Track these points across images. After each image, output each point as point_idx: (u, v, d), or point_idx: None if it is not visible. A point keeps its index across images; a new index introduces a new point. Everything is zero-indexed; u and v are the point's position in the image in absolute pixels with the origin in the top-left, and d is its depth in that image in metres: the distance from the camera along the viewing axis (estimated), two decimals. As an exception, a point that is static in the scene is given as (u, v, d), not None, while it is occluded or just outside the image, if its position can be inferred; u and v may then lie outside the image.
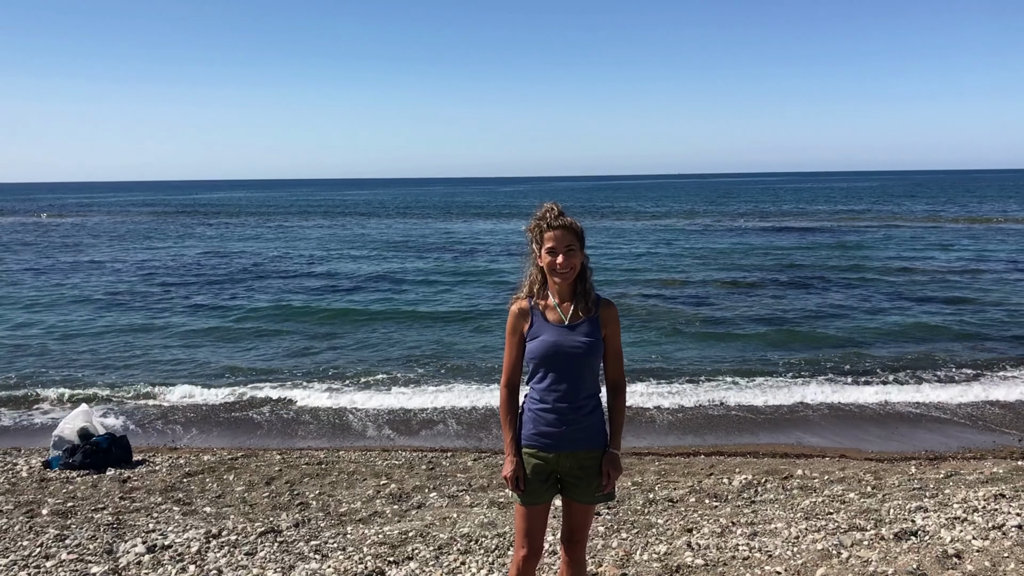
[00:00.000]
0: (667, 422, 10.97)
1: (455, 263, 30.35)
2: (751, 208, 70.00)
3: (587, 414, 3.58)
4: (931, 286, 22.57)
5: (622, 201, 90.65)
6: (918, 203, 72.93)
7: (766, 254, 31.43)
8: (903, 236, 38.76)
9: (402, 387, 12.57)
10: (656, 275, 26.00)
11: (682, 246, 35.73)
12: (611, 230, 46.40)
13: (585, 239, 3.60)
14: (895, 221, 50.82)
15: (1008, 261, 27.96)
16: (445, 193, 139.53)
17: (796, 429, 10.66)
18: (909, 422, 10.80)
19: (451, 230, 48.96)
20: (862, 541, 5.63)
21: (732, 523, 6.21)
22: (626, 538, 5.92)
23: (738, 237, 40.02)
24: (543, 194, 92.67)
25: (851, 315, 18.31)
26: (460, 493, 7.48)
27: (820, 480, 7.72)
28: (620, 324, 3.71)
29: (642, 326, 17.36)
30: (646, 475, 8.06)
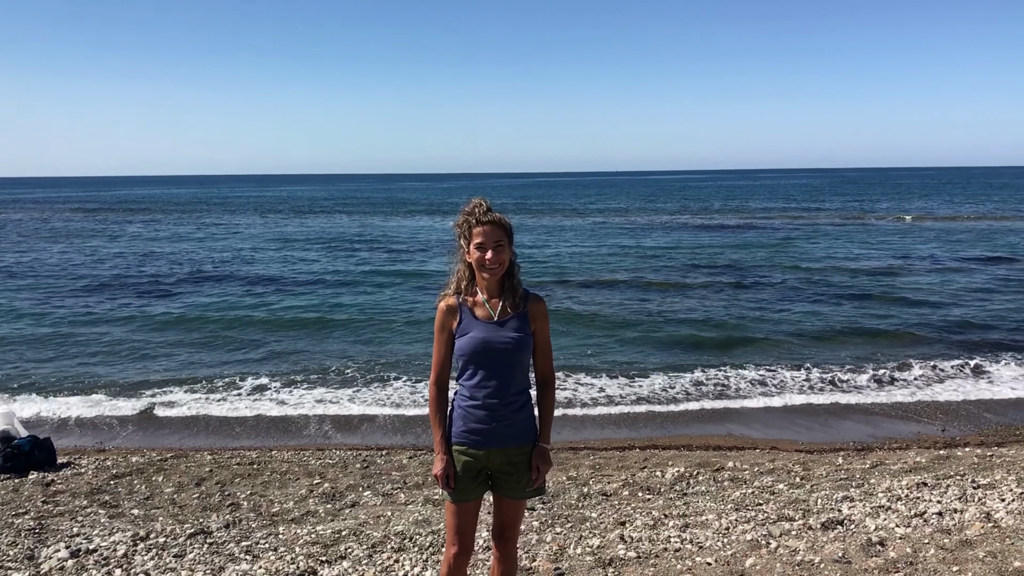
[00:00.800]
0: (602, 416, 11.05)
1: (384, 260, 30.08)
2: (684, 206, 70.86)
3: (517, 410, 3.58)
4: (857, 283, 23.12)
5: (559, 198, 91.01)
6: (849, 200, 74.72)
7: (698, 252, 31.83)
8: (831, 233, 39.67)
9: (336, 386, 12.43)
10: (589, 272, 26.18)
11: (616, 243, 36.00)
12: (546, 227, 46.57)
13: (513, 235, 3.59)
14: (824, 219, 51.97)
15: (929, 258, 28.79)
16: (378, 189, 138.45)
17: (728, 422, 10.82)
18: (837, 415, 11.05)
19: (381, 227, 48.47)
20: (790, 531, 5.74)
21: (664, 515, 6.28)
22: (560, 532, 5.95)
23: (672, 234, 40.49)
24: (477, 191, 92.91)
25: (780, 311, 18.63)
26: (395, 491, 7.45)
27: (750, 472, 7.85)
28: (549, 319, 3.72)
29: (576, 321, 17.46)
30: (581, 469, 8.11)
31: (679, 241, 36.62)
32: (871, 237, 37.31)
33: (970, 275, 24.23)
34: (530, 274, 25.42)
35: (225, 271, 26.94)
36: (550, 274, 25.60)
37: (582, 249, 33.71)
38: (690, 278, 24.28)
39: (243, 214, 63.60)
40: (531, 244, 35.54)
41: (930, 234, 38.43)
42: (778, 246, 33.46)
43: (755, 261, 28.26)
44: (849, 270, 25.54)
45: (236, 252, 33.22)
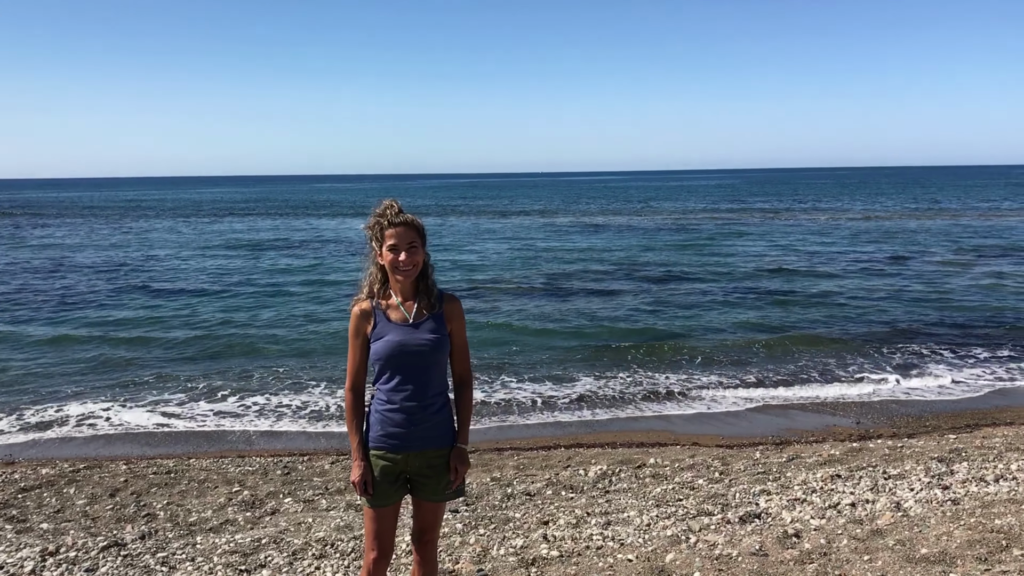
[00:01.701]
0: (528, 416, 11.07)
1: (299, 264, 29.50)
2: (606, 206, 71.56)
3: (435, 412, 3.56)
4: (778, 282, 23.66)
5: (480, 200, 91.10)
6: (770, 200, 76.52)
7: (621, 252, 32.12)
8: (752, 233, 40.56)
9: (255, 393, 12.18)
10: (512, 273, 26.22)
11: (538, 244, 36.11)
12: (469, 228, 46.55)
13: (426, 236, 3.57)
14: (747, 217, 53.12)
15: (848, 256, 29.66)
16: (298, 191, 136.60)
17: (652, 418, 10.96)
18: (758, 410, 11.27)
19: (295, 229, 47.71)
20: (709, 525, 5.83)
21: (587, 513, 6.32)
22: (484, 534, 5.94)
23: (594, 235, 40.83)
24: (395, 192, 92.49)
25: (702, 311, 18.91)
26: (316, 497, 7.35)
27: (671, 468, 7.96)
28: (466, 318, 3.72)
29: (501, 322, 17.47)
30: (505, 470, 8.12)
31: (602, 242, 36.95)
32: (791, 236, 38.20)
33: (883, 274, 25.01)
34: (452, 276, 25.39)
35: (130, 278, 26.20)
36: (474, 275, 25.58)
37: (505, 250, 33.75)
38: (613, 278, 24.50)
39: (148, 219, 61.55)
40: (453, 246, 35.50)
41: (845, 232, 39.55)
42: (700, 246, 33.98)
43: (678, 261, 28.63)
44: (770, 269, 26.03)
45: (142, 257, 32.31)
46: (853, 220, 48.58)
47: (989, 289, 21.33)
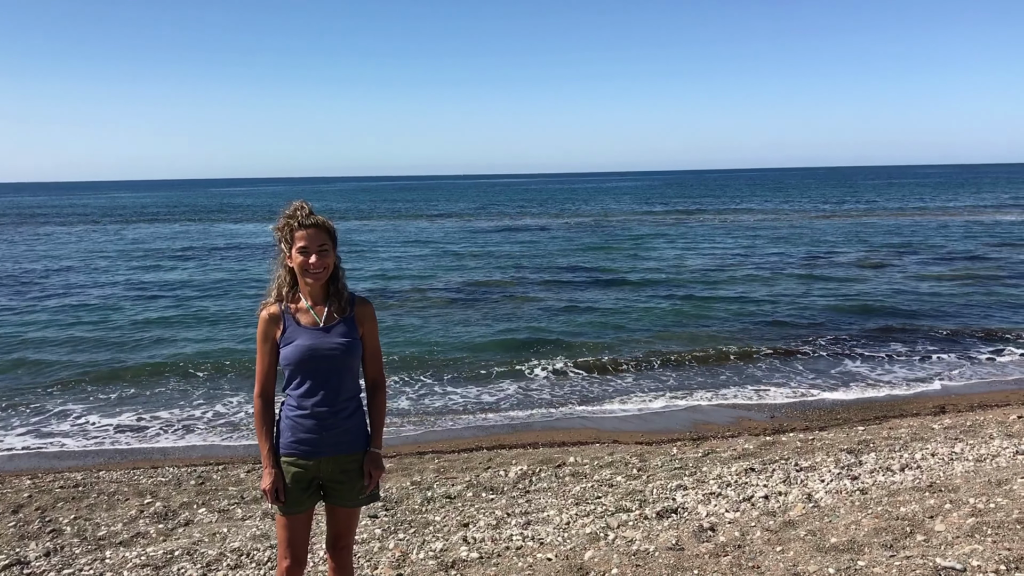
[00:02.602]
0: (448, 419, 11.04)
1: (207, 269, 28.81)
2: (524, 208, 71.86)
3: (348, 417, 3.51)
4: (694, 281, 24.18)
5: (395, 203, 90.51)
6: (689, 202, 77.94)
7: (541, 253, 32.38)
8: (668, 234, 41.24)
9: (166, 402, 11.88)
10: (431, 275, 26.17)
11: (457, 246, 36.13)
12: (387, 231, 46.25)
13: (337, 238, 3.52)
14: (666, 219, 54.00)
15: (763, 256, 30.37)
16: (211, 195, 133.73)
17: (573, 417, 11.04)
18: (676, 406, 11.44)
19: (206, 233, 46.77)
20: (627, 522, 5.90)
21: (507, 514, 6.33)
22: (403, 538, 5.90)
23: (514, 236, 41.02)
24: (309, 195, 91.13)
25: (621, 311, 19.17)
26: (232, 507, 7.19)
27: (591, 466, 8.02)
28: (386, 322, 3.68)
29: (415, 324, 17.38)
30: (425, 473, 8.08)
31: (521, 244, 37.07)
32: (708, 238, 38.94)
33: (797, 274, 25.69)
34: (368, 280, 25.18)
35: (28, 289, 25.31)
36: (391, 279, 25.36)
37: (422, 253, 33.57)
38: (533, 281, 24.55)
39: (51, 225, 59.43)
40: (368, 249, 35.22)
41: (761, 233, 40.51)
42: (618, 248, 34.32)
43: (597, 264, 28.85)
44: (688, 271, 26.43)
45: (42, 269, 31.16)
46: (771, 220, 49.81)
47: (898, 288, 22.06)
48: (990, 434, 8.52)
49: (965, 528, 5.02)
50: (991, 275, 23.65)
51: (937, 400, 11.38)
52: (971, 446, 7.89)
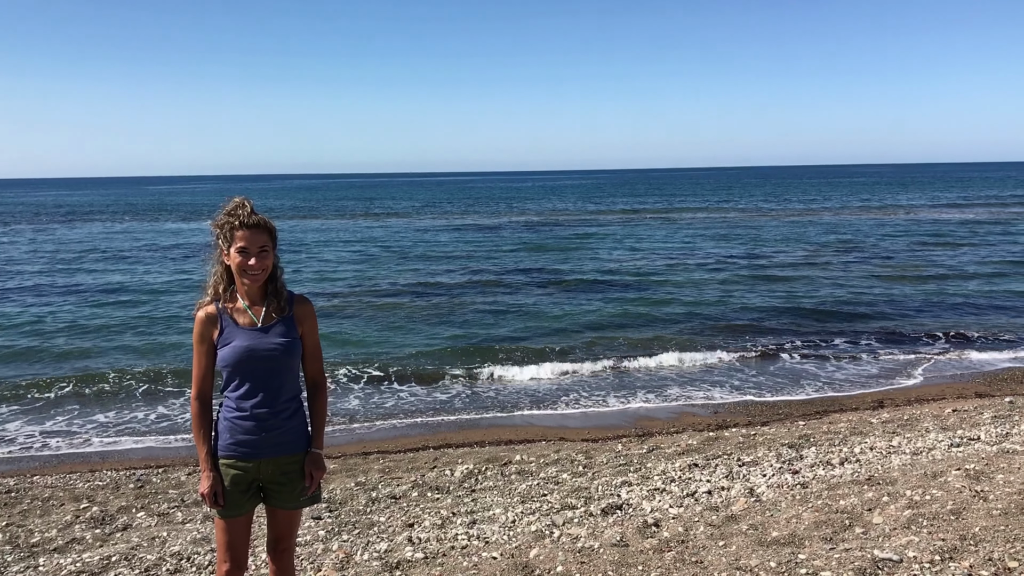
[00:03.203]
0: (394, 418, 10.98)
1: (140, 268, 28.29)
2: (470, 207, 71.76)
3: (288, 418, 3.46)
4: (638, 280, 24.35)
5: (339, 201, 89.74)
6: (633, 201, 78.61)
7: (486, 252, 32.35)
8: (614, 233, 41.51)
9: (104, 404, 11.63)
10: (375, 273, 26.02)
11: (398, 246, 35.93)
12: (332, 229, 45.87)
13: (277, 237, 3.46)
14: (597, 216, 54.37)
15: (698, 253, 30.72)
16: (147, 192, 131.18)
17: (519, 415, 11.06)
18: (621, 403, 11.52)
19: (141, 232, 45.85)
20: (573, 519, 5.91)
21: (453, 514, 6.31)
22: (347, 540, 5.84)
23: (458, 234, 40.94)
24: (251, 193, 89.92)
25: (564, 308, 19.23)
26: (172, 510, 7.05)
27: (537, 464, 8.04)
28: (331, 321, 3.63)
29: (359, 323, 17.28)
30: (370, 474, 8.01)
31: (466, 242, 37.03)
32: (650, 236, 39.29)
33: (736, 270, 26.06)
34: (307, 277, 24.95)
35: None
36: (334, 278, 25.14)
37: (366, 252, 33.29)
38: (477, 279, 24.50)
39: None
40: (309, 247, 34.91)
41: (699, 231, 41.00)
42: (561, 246, 34.38)
43: (541, 262, 28.91)
44: (630, 268, 26.67)
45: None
46: (716, 218, 50.45)
47: (839, 285, 22.47)
48: (926, 428, 8.72)
49: (902, 520, 5.13)
50: (928, 273, 24.23)
51: (876, 395, 11.61)
52: (908, 439, 8.06)
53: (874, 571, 4.28)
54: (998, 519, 4.98)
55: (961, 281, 22.54)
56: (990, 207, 57.10)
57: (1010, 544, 4.51)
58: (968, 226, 40.57)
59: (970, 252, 29.39)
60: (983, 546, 4.53)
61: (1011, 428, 8.23)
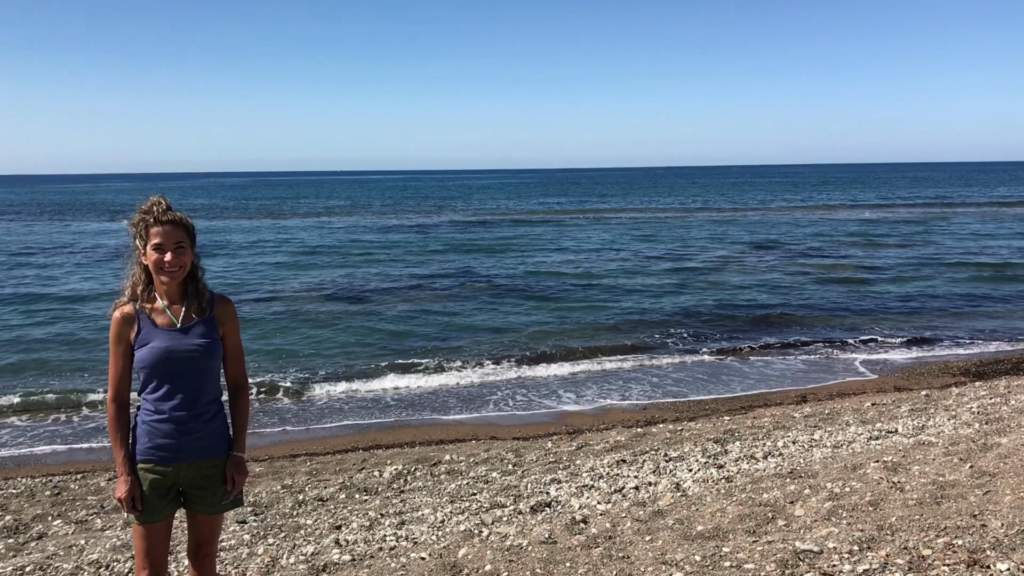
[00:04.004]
0: (322, 420, 10.86)
1: (57, 268, 27.57)
2: (395, 206, 71.35)
3: (208, 420, 3.40)
4: (562, 280, 24.49)
5: (262, 199, 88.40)
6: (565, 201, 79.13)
7: (410, 252, 32.19)
8: (544, 234, 41.73)
9: (18, 409, 11.24)
10: (298, 272, 25.76)
11: (323, 244, 35.62)
12: (247, 229, 45.24)
13: (196, 235, 3.39)
14: (545, 216, 54.66)
15: (621, 252, 31.09)
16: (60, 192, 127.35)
17: (448, 414, 11.04)
18: (552, 401, 11.57)
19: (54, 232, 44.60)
20: (502, 517, 5.91)
21: (381, 515, 6.26)
22: (273, 543, 5.75)
23: (381, 235, 40.68)
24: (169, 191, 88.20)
25: (491, 308, 19.26)
26: (91, 517, 6.85)
27: (467, 463, 8.02)
28: (240, 321, 3.57)
29: (286, 323, 17.07)
30: (297, 476, 7.90)
31: (395, 241, 36.82)
32: (577, 235, 39.60)
33: (655, 269, 26.44)
34: (230, 277, 24.56)
35: None
36: (259, 277, 24.77)
37: (291, 250, 32.87)
38: (406, 279, 24.35)
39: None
40: (232, 246, 34.33)
41: (626, 230, 41.47)
42: (489, 247, 34.40)
43: (469, 262, 28.85)
44: (559, 268, 26.70)
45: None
46: (645, 218, 51.05)
47: (763, 283, 22.94)
48: (847, 421, 8.95)
49: (822, 512, 5.25)
50: (850, 272, 24.90)
51: (799, 390, 11.86)
52: (829, 433, 8.26)
53: (795, 563, 4.37)
54: (913, 509, 5.13)
55: (882, 280, 23.21)
56: (913, 207, 58.93)
57: (924, 533, 4.65)
58: (890, 225, 41.82)
59: (892, 251, 30.27)
60: (899, 535, 4.66)
61: (927, 421, 8.49)
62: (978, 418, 8.33)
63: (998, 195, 72.98)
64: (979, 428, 7.76)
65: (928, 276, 23.80)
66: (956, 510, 5.03)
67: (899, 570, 4.16)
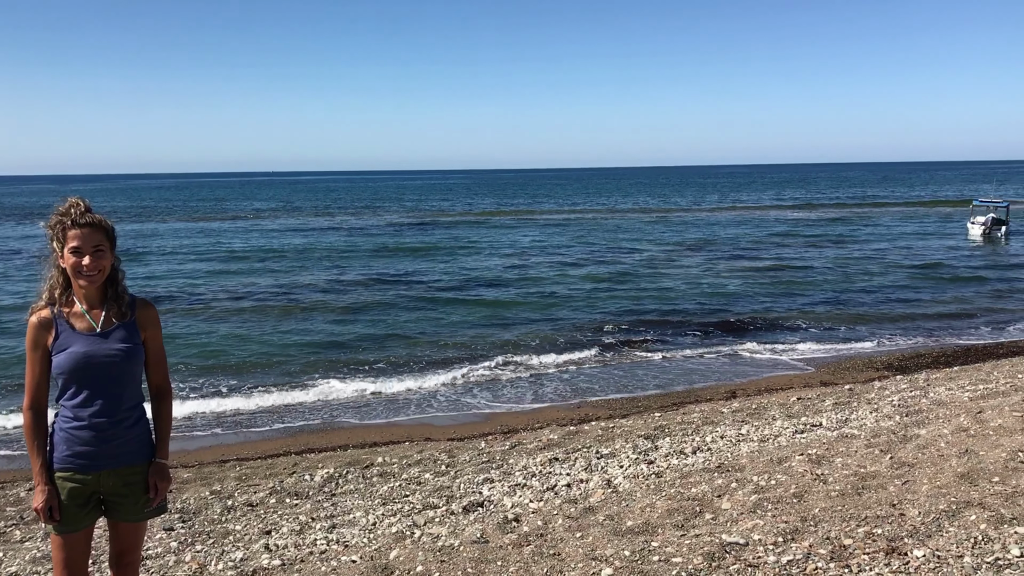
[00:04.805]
0: (252, 425, 10.73)
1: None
2: (318, 208, 70.64)
3: (130, 427, 3.32)
4: (503, 279, 24.65)
5: (190, 201, 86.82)
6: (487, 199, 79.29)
7: (337, 254, 32.05)
8: (463, 234, 41.86)
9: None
10: (223, 276, 25.46)
11: (246, 247, 35.20)
12: (171, 231, 44.41)
13: (116, 238, 3.32)
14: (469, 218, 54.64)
15: (561, 252, 31.27)
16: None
17: (381, 416, 10.99)
18: (489, 399, 11.61)
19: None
20: (434, 518, 5.91)
21: (312, 519, 6.20)
22: (201, 550, 5.66)
23: (309, 236, 40.35)
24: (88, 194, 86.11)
25: (424, 310, 19.28)
26: (9, 529, 6.65)
27: (399, 464, 7.99)
28: (166, 326, 3.50)
29: (213, 328, 16.80)
30: (226, 482, 7.78)
31: (323, 243, 36.50)
32: (506, 236, 39.72)
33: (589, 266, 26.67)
34: (154, 281, 24.08)
35: None
36: (182, 281, 24.31)
37: (217, 254, 32.36)
38: (333, 282, 24.20)
39: None
40: (157, 249, 33.67)
41: (555, 230, 41.75)
42: (419, 247, 34.30)
43: (396, 264, 28.72)
44: (488, 270, 26.73)
45: None
46: (575, 218, 51.37)
47: (692, 280, 23.31)
48: (773, 416, 9.14)
49: (748, 505, 5.36)
50: (778, 270, 25.45)
51: (729, 386, 12.09)
52: (756, 428, 8.43)
53: (722, 555, 4.45)
54: (836, 500, 5.27)
55: (810, 278, 23.78)
56: (843, 207, 60.41)
57: (846, 523, 4.78)
58: (819, 225, 42.84)
59: (820, 250, 31.03)
60: (822, 526, 4.78)
61: (850, 414, 8.71)
62: (899, 411, 8.57)
63: (915, 195, 75.38)
64: (899, 420, 7.99)
65: (856, 274, 24.44)
66: (876, 500, 5.18)
67: (821, 560, 4.27)
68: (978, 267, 26.05)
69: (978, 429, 6.86)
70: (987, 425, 6.97)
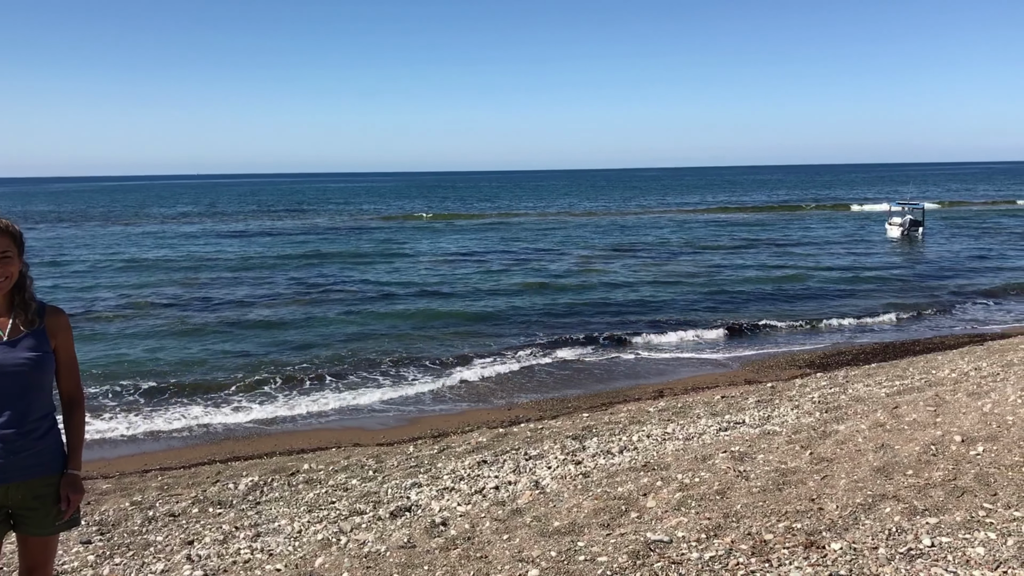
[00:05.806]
0: (176, 434, 10.52)
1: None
2: (244, 210, 69.68)
3: (39, 438, 3.22)
4: (429, 280, 24.54)
5: (112, 205, 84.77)
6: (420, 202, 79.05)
7: (258, 257, 31.73)
8: (393, 237, 41.64)
9: None
10: (143, 282, 24.96)
11: (171, 251, 34.62)
12: (86, 236, 43.33)
13: (24, 244, 3.22)
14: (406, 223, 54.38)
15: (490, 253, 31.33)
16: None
17: (305, 422, 10.88)
18: (418, 403, 11.57)
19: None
20: (361, 524, 5.85)
21: (235, 528, 6.10)
22: (120, 563, 5.51)
23: (228, 240, 39.82)
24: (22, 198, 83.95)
25: (353, 315, 19.19)
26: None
27: (325, 471, 7.90)
28: (86, 334, 3.40)
29: (125, 335, 16.39)
30: (147, 492, 7.59)
31: (246, 248, 35.91)
32: (436, 240, 39.63)
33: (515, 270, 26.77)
34: (65, 287, 23.46)
35: None
36: (95, 289, 23.71)
37: (137, 259, 31.62)
38: (258, 286, 23.92)
39: None
40: (73, 255, 32.85)
41: (484, 233, 41.79)
42: (351, 251, 34.03)
43: (327, 268, 28.44)
44: (417, 275, 26.63)
45: None
46: (498, 223, 51.47)
47: (619, 283, 23.58)
48: (698, 414, 9.28)
49: (673, 503, 5.43)
50: (704, 269, 25.88)
51: (656, 385, 12.25)
52: (682, 426, 8.54)
53: (646, 553, 4.50)
54: (757, 496, 5.37)
55: (735, 277, 24.26)
56: (771, 210, 61.67)
57: (767, 518, 4.88)
58: (745, 227, 43.67)
59: (747, 251, 31.66)
60: (744, 522, 4.87)
61: (772, 411, 8.90)
62: (819, 407, 8.78)
63: (847, 197, 77.53)
64: (819, 417, 8.18)
65: (782, 275, 24.95)
66: (796, 495, 5.30)
67: (743, 555, 4.35)
68: (895, 266, 26.86)
69: (894, 424, 7.07)
70: (902, 420, 7.19)
